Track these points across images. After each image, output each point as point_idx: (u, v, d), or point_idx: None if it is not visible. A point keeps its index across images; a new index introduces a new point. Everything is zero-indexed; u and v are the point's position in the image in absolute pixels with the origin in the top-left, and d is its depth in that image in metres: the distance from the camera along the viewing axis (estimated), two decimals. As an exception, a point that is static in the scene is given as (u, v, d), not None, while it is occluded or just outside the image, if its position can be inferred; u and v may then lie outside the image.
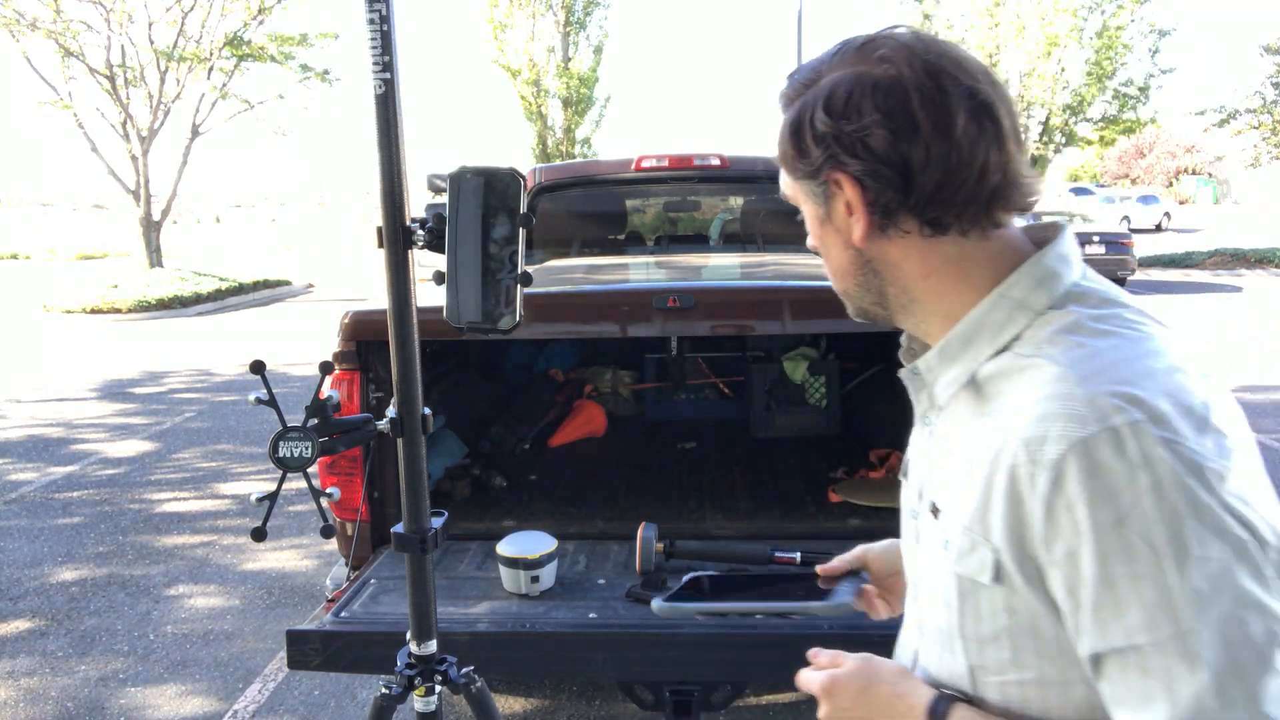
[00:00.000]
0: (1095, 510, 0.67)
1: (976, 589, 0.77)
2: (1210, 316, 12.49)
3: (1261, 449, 4.61)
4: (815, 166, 0.81)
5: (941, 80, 0.76)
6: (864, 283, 0.88)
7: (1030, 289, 0.79)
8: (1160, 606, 0.65)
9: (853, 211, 0.81)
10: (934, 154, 0.76)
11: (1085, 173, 51.97)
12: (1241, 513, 0.66)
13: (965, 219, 0.79)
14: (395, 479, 2.72)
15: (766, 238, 4.80)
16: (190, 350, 11.00)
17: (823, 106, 0.79)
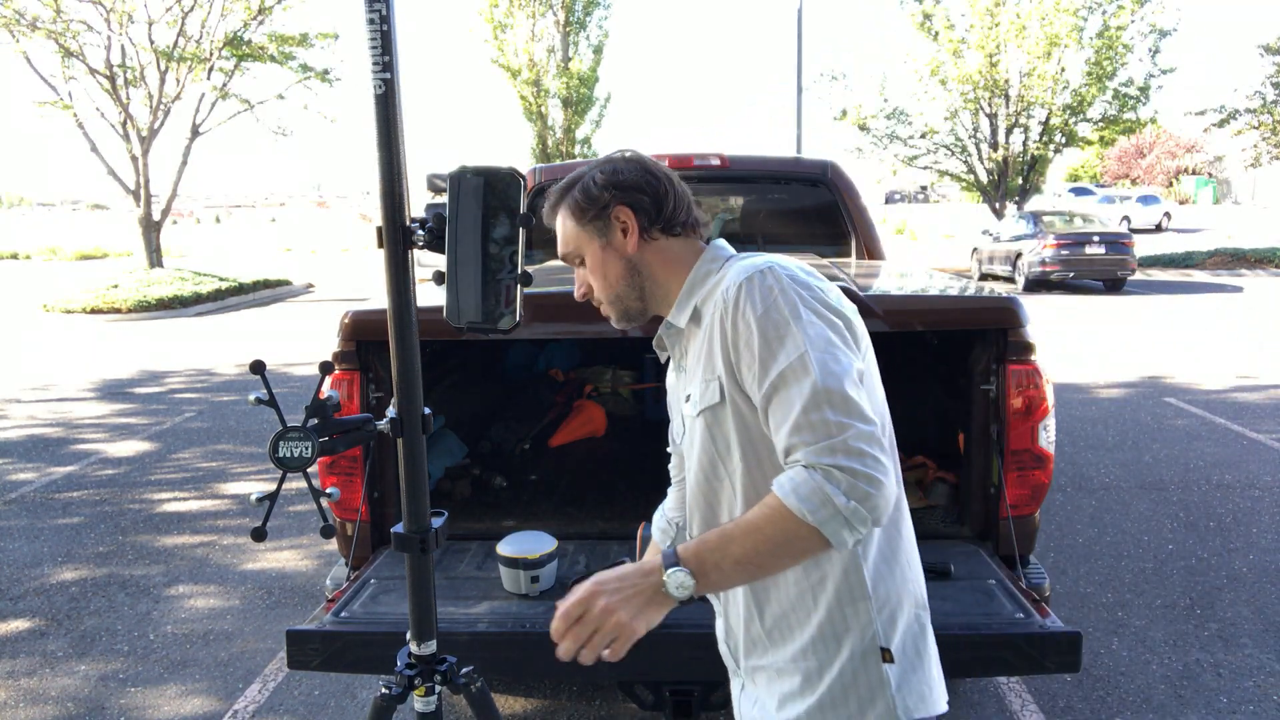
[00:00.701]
0: (753, 308, 1.16)
1: (714, 413, 1.24)
2: (1210, 316, 12.48)
3: (1261, 449, 4.57)
4: (603, 205, 1.31)
5: (652, 159, 1.36)
6: (631, 283, 1.35)
7: (712, 257, 1.34)
8: (791, 345, 1.13)
9: (628, 231, 1.32)
10: (668, 191, 1.32)
11: (1085, 173, 51.95)
12: (838, 309, 1.19)
13: (685, 228, 1.35)
14: (395, 479, 2.72)
15: (767, 238, 4.79)
16: (190, 350, 11.00)
17: (599, 171, 1.33)
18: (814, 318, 1.15)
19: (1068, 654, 1.95)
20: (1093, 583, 3.91)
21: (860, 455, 1.05)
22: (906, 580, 1.26)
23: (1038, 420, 2.46)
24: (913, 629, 1.26)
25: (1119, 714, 2.89)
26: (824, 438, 1.07)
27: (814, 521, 1.05)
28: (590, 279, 1.36)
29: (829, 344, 1.13)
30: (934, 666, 1.28)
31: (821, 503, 1.04)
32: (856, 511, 1.04)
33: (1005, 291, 2.65)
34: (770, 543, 1.08)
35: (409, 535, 1.24)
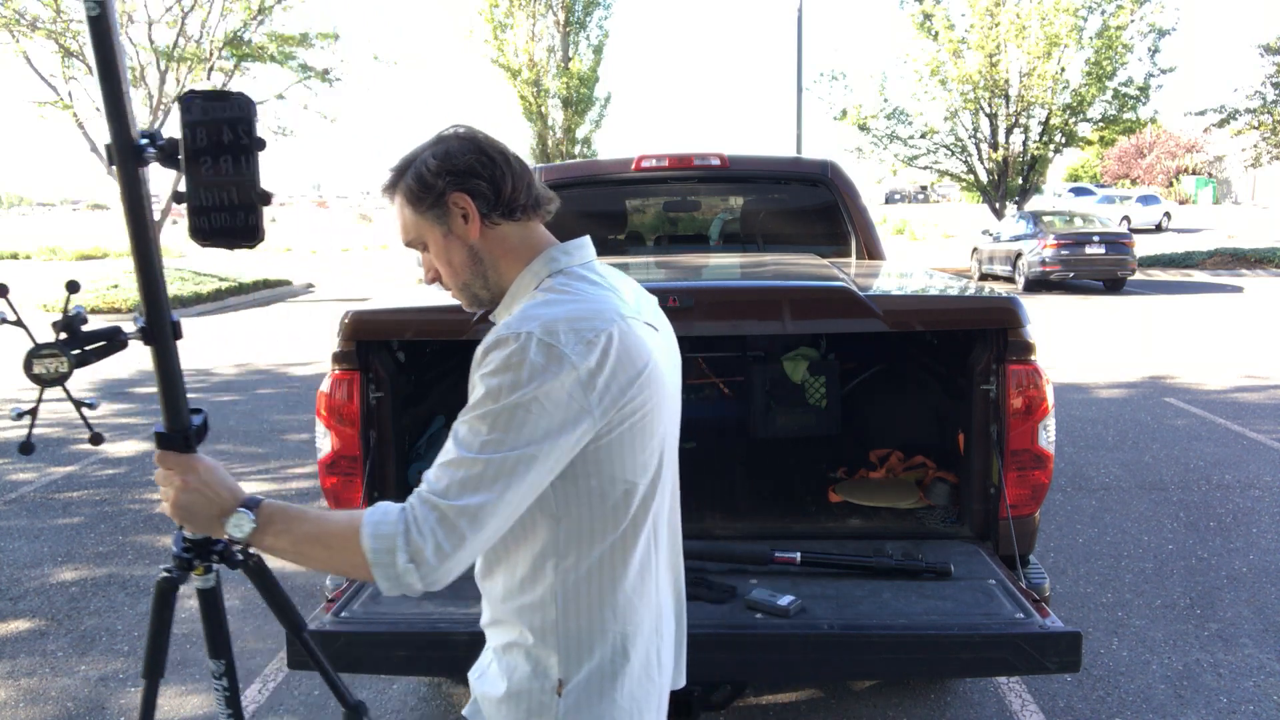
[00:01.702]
0: (489, 365, 1.13)
1: None
2: (1210, 316, 12.48)
3: (1261, 449, 4.57)
4: (439, 193, 1.24)
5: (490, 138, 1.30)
6: (475, 270, 1.30)
7: (541, 266, 1.28)
8: (484, 407, 1.12)
9: (469, 217, 1.26)
10: (506, 172, 1.26)
11: (1085, 173, 51.94)
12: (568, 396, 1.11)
13: (525, 210, 1.28)
14: (396, 479, 2.73)
15: (766, 238, 4.80)
16: (189, 350, 11.01)
17: (431, 156, 1.26)
18: (526, 408, 1.10)
19: (1068, 654, 1.95)
20: (1093, 583, 3.91)
21: (450, 527, 1.08)
22: (605, 625, 1.24)
23: (1038, 420, 2.46)
24: (603, 669, 1.24)
25: (1119, 714, 2.89)
26: (434, 490, 1.10)
27: (367, 555, 1.10)
28: (438, 268, 1.31)
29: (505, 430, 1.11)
30: (624, 698, 1.25)
31: (386, 549, 1.09)
32: (408, 572, 1.08)
33: (1005, 291, 2.65)
34: (329, 547, 1.15)
35: (171, 434, 1.33)
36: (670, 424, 1.28)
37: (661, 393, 1.23)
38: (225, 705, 1.63)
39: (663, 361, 1.25)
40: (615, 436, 1.17)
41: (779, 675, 2.68)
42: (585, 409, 1.12)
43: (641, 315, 1.25)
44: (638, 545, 1.25)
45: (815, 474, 3.26)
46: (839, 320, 2.51)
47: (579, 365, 1.11)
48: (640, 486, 1.22)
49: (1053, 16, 18.15)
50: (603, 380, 1.13)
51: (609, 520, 1.21)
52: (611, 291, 1.24)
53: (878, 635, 2.06)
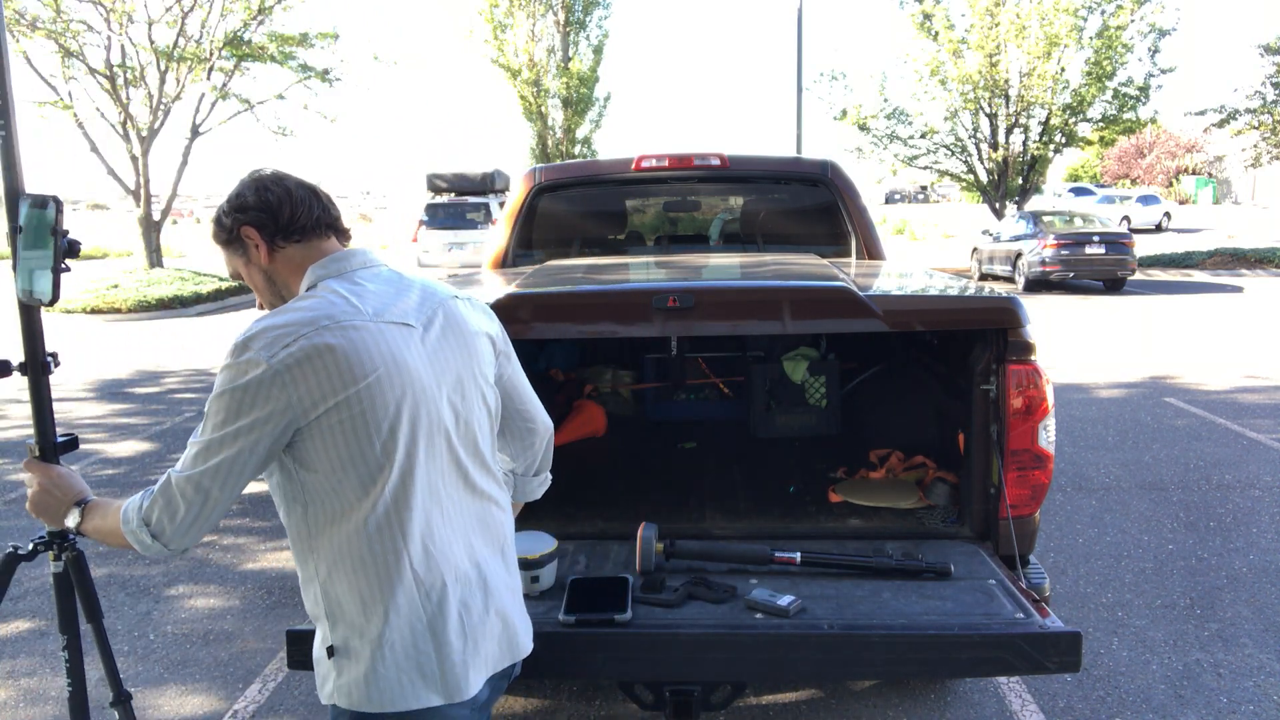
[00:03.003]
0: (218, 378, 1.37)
1: None
2: (1210, 316, 12.48)
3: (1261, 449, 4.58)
4: (230, 229, 1.49)
5: (278, 174, 1.51)
6: (272, 290, 1.51)
7: (309, 278, 1.47)
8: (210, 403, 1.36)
9: (258, 246, 1.48)
10: (282, 201, 1.46)
11: (1085, 173, 51.92)
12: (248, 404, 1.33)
13: (307, 231, 1.48)
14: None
15: (766, 238, 4.79)
16: (190, 350, 11.00)
17: (227, 199, 1.51)
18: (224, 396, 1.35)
19: (1068, 654, 1.95)
20: (1093, 583, 3.91)
21: (175, 494, 1.36)
22: (356, 592, 1.40)
23: (1038, 420, 2.46)
24: (348, 635, 1.42)
25: (1119, 714, 2.89)
26: (173, 469, 1.38)
27: (121, 528, 1.42)
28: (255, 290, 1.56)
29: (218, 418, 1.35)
30: (379, 673, 1.41)
31: (129, 519, 1.40)
32: (143, 533, 1.39)
33: (1005, 291, 2.65)
34: (112, 530, 1.45)
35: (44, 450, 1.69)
36: (422, 412, 1.41)
37: (399, 385, 1.38)
38: (68, 675, 1.97)
39: (410, 356, 1.40)
40: (329, 426, 1.34)
41: (779, 675, 2.68)
42: (279, 400, 1.32)
43: (386, 316, 1.41)
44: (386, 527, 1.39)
45: (815, 474, 3.26)
46: (839, 320, 2.51)
47: (270, 363, 1.31)
48: (378, 474, 1.37)
49: (1053, 16, 18.14)
50: (296, 376, 1.31)
51: (350, 504, 1.37)
52: (349, 298, 1.41)
53: (878, 635, 2.06)
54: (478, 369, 1.53)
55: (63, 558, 1.84)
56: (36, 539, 1.81)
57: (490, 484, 1.56)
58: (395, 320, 1.42)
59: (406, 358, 1.39)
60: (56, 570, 1.85)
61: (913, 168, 21.52)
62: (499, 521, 1.58)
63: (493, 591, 1.50)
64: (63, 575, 1.86)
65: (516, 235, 4.37)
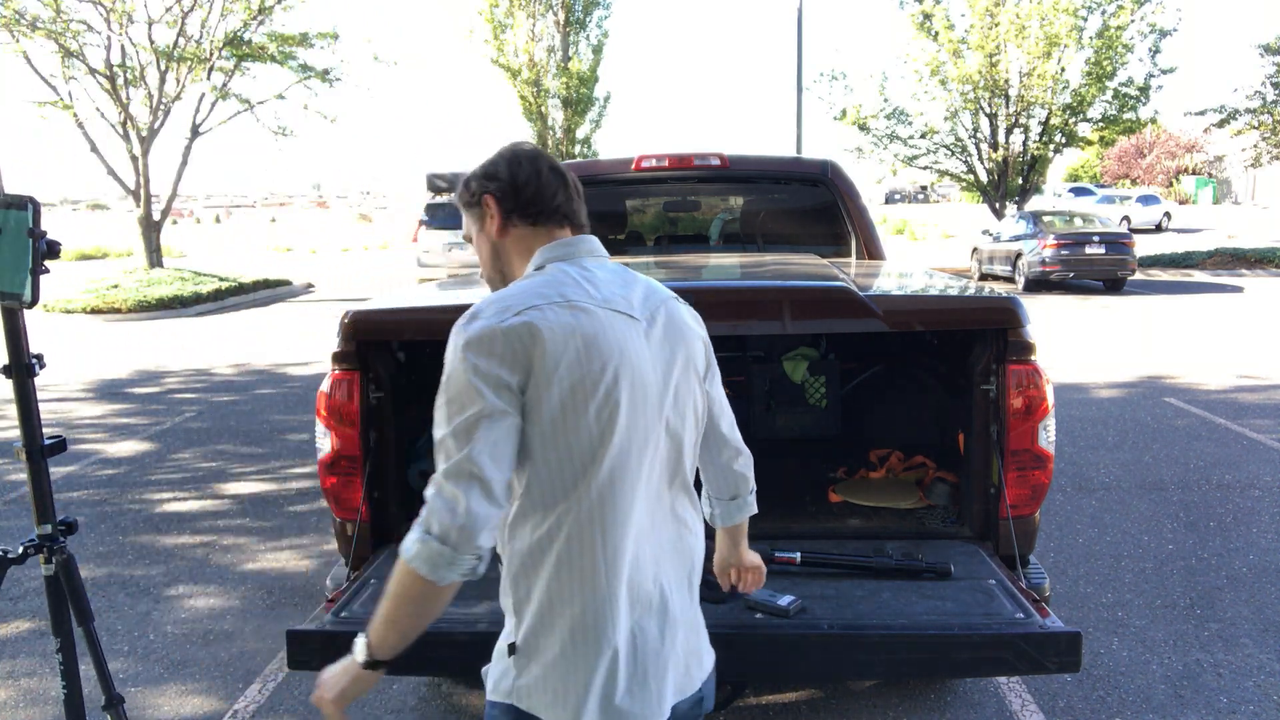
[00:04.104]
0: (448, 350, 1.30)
1: None
2: (1210, 316, 12.48)
3: (1261, 449, 4.57)
4: (475, 193, 1.47)
5: (537, 152, 1.48)
6: (495, 265, 1.49)
7: (536, 260, 1.43)
8: (440, 394, 1.28)
9: (492, 217, 1.45)
10: (530, 180, 1.43)
11: (1085, 173, 51.92)
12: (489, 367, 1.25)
13: (542, 217, 1.44)
14: (396, 479, 2.73)
15: (766, 238, 4.79)
16: (190, 350, 11.00)
17: (480, 167, 1.48)
18: (455, 375, 1.27)
19: (1068, 654, 1.95)
20: (1093, 583, 3.91)
21: (447, 490, 1.23)
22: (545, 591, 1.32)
23: (1038, 420, 2.46)
24: (557, 634, 1.32)
25: (1119, 714, 2.89)
26: (433, 484, 1.25)
27: (408, 562, 1.23)
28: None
29: (454, 396, 1.26)
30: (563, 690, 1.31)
31: (412, 546, 1.23)
32: (437, 549, 1.21)
33: (1005, 291, 2.65)
34: (398, 598, 1.26)
35: (30, 452, 1.72)
36: (640, 410, 1.32)
37: (624, 376, 1.30)
38: (62, 677, 1.92)
39: (634, 349, 1.33)
40: (550, 406, 1.26)
41: (779, 675, 2.68)
42: (511, 365, 1.26)
43: (614, 305, 1.35)
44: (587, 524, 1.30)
45: (815, 474, 3.26)
46: (839, 320, 2.51)
47: (501, 327, 1.26)
48: (589, 469, 1.28)
49: (1053, 17, 18.13)
50: (527, 345, 1.26)
51: (557, 496, 1.29)
52: (580, 281, 1.36)
53: (878, 635, 2.06)
54: (694, 375, 1.44)
55: (53, 561, 1.82)
56: (26, 542, 1.80)
57: (686, 504, 1.47)
58: (622, 310, 1.35)
59: (631, 350, 1.32)
60: (48, 574, 1.84)
61: (913, 168, 21.51)
62: (690, 547, 1.47)
63: (671, 620, 1.39)
64: (54, 579, 1.84)
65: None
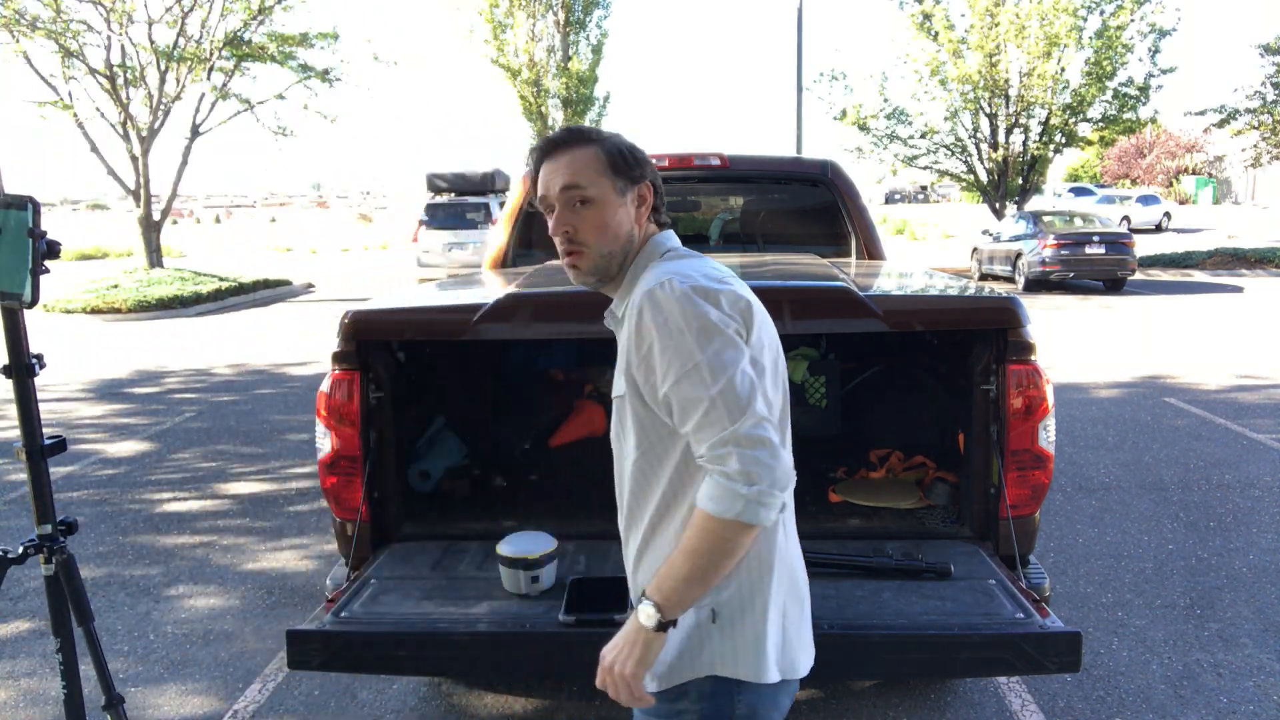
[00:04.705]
0: (653, 318, 1.30)
1: (621, 402, 1.41)
2: (1210, 316, 12.48)
3: (1261, 449, 4.56)
4: (637, 176, 1.45)
5: None
6: (623, 250, 1.45)
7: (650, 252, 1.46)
8: (685, 354, 1.27)
9: (644, 206, 1.46)
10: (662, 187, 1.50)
11: (1085, 173, 51.92)
12: (729, 312, 1.31)
13: (659, 219, 1.50)
14: (396, 479, 2.73)
15: (766, 238, 4.79)
16: (190, 350, 11.00)
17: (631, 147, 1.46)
18: (703, 326, 1.28)
19: (1068, 654, 1.95)
20: (1093, 583, 3.91)
21: (751, 444, 1.24)
22: (763, 552, 1.38)
23: (1038, 420, 2.46)
24: (752, 596, 1.37)
25: (1119, 714, 2.89)
26: (719, 439, 1.25)
27: (732, 516, 1.23)
28: (584, 224, 1.42)
29: (717, 351, 1.28)
30: (768, 636, 1.38)
31: (732, 500, 1.23)
32: (762, 493, 1.23)
33: (1005, 291, 2.65)
34: (708, 553, 1.26)
35: (30, 452, 1.72)
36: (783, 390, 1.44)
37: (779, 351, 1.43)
38: (62, 678, 1.91)
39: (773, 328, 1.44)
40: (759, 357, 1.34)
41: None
42: (738, 323, 1.33)
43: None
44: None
45: (815, 474, 3.26)
46: (839, 320, 2.51)
47: (720, 288, 1.33)
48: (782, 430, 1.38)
49: (1052, 16, 18.13)
50: (740, 309, 1.34)
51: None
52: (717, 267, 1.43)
53: (878, 635, 2.06)
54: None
55: (53, 561, 1.82)
56: (26, 542, 1.80)
57: None
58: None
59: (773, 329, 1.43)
60: (48, 574, 1.83)
61: (913, 168, 21.50)
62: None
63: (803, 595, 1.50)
64: (54, 579, 1.83)
65: (516, 235, 4.37)
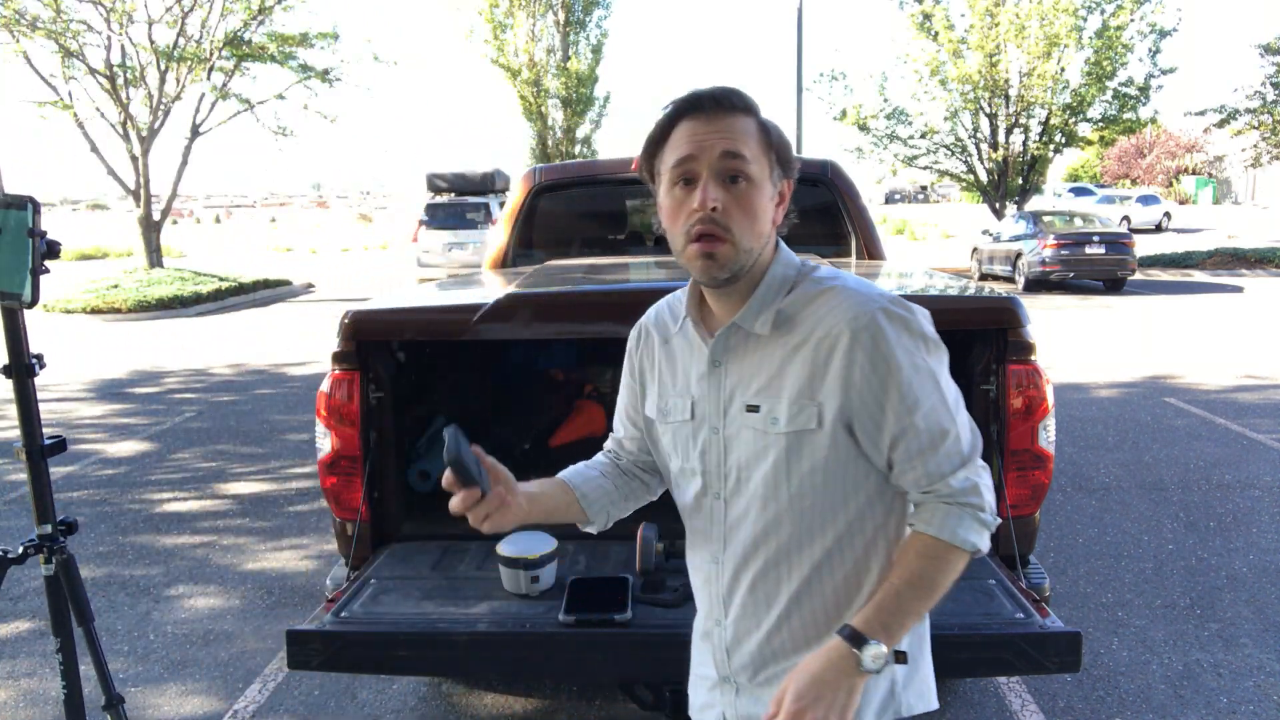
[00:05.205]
0: (893, 347, 1.18)
1: (802, 438, 1.21)
2: (1210, 316, 12.48)
3: (1261, 449, 4.56)
4: (788, 168, 1.26)
5: None
6: (759, 250, 1.23)
7: (786, 261, 1.27)
8: (929, 387, 1.20)
9: (782, 204, 1.26)
10: None
11: (1085, 173, 51.93)
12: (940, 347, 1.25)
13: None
14: (396, 479, 2.73)
15: (766, 238, 4.79)
16: (190, 350, 11.00)
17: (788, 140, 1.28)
18: (939, 356, 1.23)
19: (1068, 654, 1.95)
20: (1093, 583, 3.91)
21: (981, 472, 1.21)
22: None
23: (1038, 420, 2.46)
24: (918, 629, 1.31)
25: (1119, 714, 2.89)
26: (964, 470, 1.20)
27: (973, 548, 1.19)
28: (737, 206, 1.18)
29: (948, 380, 1.23)
30: (930, 665, 1.36)
31: (979, 533, 1.19)
32: (991, 522, 1.20)
33: (1005, 291, 2.65)
34: (942, 585, 1.18)
35: (30, 452, 1.72)
36: None
37: None
38: (62, 678, 1.92)
39: None
40: None
41: (779, 675, 2.67)
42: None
43: None
44: None
45: None
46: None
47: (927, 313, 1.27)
48: None
49: (1052, 16, 18.13)
50: None
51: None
52: None
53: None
54: None
55: (53, 561, 1.81)
56: (26, 542, 1.80)
57: None
58: None
59: None
60: (48, 574, 1.83)
61: (913, 168, 21.51)
62: None
63: None
64: (54, 579, 1.83)
65: (516, 235, 4.37)
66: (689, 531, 1.39)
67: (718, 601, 1.33)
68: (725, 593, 1.31)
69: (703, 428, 1.30)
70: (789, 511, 1.24)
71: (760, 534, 1.26)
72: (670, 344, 1.37)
